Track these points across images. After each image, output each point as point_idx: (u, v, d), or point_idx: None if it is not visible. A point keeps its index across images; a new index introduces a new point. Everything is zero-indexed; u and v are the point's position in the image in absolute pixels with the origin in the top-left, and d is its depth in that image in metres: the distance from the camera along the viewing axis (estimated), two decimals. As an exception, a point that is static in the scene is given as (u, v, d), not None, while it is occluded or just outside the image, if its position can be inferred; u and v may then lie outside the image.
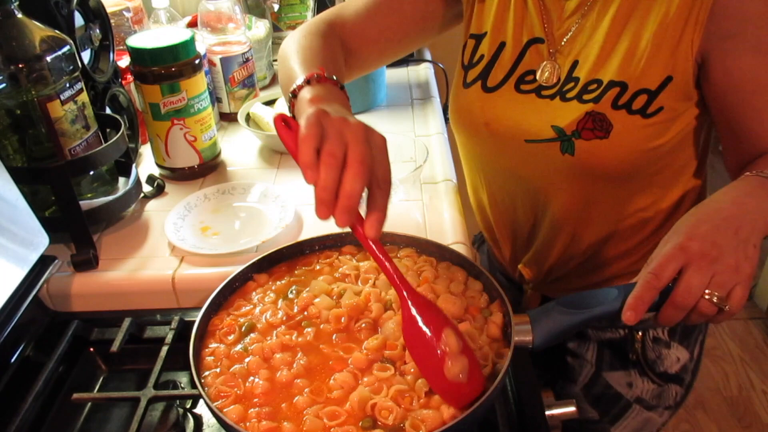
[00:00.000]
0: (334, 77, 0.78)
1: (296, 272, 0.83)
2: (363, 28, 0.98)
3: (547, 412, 0.73)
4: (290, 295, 0.78)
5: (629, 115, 0.84)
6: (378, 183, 0.61)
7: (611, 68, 0.84)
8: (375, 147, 0.62)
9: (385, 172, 0.62)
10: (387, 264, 0.64)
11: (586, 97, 0.86)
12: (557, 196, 0.94)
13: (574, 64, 0.87)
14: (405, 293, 0.64)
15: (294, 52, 0.87)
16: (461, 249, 0.96)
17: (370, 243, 0.63)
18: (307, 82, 0.76)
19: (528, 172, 0.95)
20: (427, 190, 1.12)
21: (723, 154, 0.91)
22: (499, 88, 0.93)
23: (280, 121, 0.65)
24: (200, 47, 1.19)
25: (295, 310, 0.76)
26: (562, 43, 0.88)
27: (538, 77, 0.90)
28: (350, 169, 0.59)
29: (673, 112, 0.85)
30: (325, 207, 0.58)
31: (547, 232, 1.00)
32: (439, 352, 0.61)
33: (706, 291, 0.63)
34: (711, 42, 0.80)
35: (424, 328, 0.63)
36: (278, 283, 0.81)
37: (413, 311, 0.64)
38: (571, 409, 0.74)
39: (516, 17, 0.91)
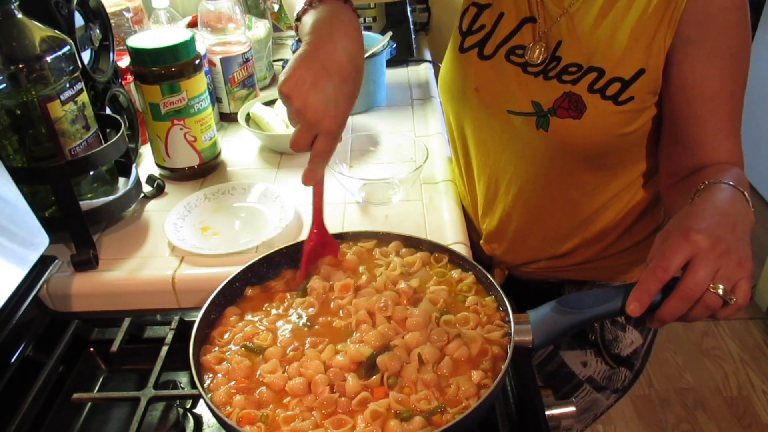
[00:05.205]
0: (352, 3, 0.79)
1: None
2: None
3: (547, 412, 0.73)
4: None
5: (602, 100, 0.88)
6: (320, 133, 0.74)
7: (591, 54, 0.89)
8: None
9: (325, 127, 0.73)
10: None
11: (565, 78, 0.90)
12: (524, 171, 0.98)
13: (558, 43, 0.92)
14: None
15: None
16: (461, 249, 0.96)
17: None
18: (310, 4, 0.78)
19: (503, 142, 0.99)
20: (427, 190, 1.12)
21: (660, 159, 0.94)
22: (492, 56, 0.97)
23: None
24: (200, 47, 1.19)
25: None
26: (552, 24, 0.92)
27: (527, 56, 0.94)
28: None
29: (643, 103, 0.88)
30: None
31: (510, 207, 1.03)
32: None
33: (711, 284, 0.64)
34: (676, 43, 0.84)
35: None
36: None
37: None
38: (571, 409, 0.74)
39: None
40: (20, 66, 0.85)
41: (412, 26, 1.73)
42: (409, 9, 1.74)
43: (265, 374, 0.70)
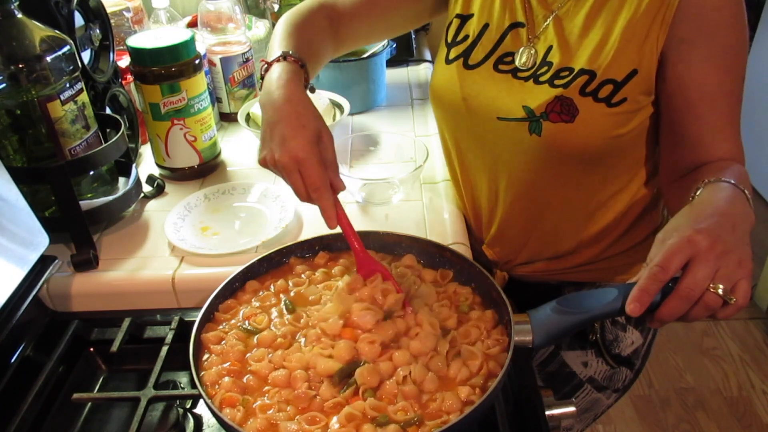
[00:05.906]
0: (294, 56, 0.86)
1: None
2: (353, 5, 1.03)
3: (547, 412, 0.73)
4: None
5: (595, 103, 0.87)
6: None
7: (582, 57, 0.88)
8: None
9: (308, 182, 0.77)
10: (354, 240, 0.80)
11: (557, 82, 0.89)
12: (521, 176, 0.98)
13: (549, 48, 0.91)
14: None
15: (279, 31, 0.95)
16: (461, 249, 0.96)
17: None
18: (261, 77, 0.86)
19: (497, 150, 0.98)
20: (427, 190, 1.13)
21: (660, 157, 0.94)
22: (478, 66, 0.97)
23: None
24: (200, 47, 1.19)
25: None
26: (541, 29, 0.92)
27: (516, 61, 0.94)
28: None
29: (636, 104, 0.88)
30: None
31: (508, 211, 1.03)
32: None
33: (711, 284, 0.64)
34: (670, 43, 0.83)
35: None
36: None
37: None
38: (571, 409, 0.74)
39: (501, 1, 0.95)
40: (20, 66, 0.85)
41: (412, 26, 1.73)
42: (409, 9, 1.74)
43: (252, 361, 0.71)
